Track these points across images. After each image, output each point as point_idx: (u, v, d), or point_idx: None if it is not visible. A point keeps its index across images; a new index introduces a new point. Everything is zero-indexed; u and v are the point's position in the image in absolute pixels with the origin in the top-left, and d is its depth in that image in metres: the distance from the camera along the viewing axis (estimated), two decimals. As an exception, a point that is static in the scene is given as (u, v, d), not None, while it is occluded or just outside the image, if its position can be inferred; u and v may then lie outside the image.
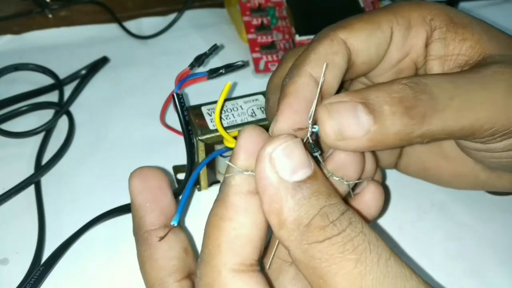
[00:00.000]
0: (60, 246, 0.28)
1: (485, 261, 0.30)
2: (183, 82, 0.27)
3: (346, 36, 0.23)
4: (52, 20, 0.49)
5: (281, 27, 0.45)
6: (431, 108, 0.20)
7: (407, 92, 0.20)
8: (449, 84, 0.21)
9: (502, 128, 0.21)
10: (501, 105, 0.21)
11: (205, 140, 0.29)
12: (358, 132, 0.19)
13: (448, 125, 0.21)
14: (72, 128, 0.37)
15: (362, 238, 0.16)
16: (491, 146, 0.23)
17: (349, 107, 0.20)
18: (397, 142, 0.20)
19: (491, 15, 0.54)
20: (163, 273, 0.22)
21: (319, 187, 0.17)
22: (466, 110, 0.21)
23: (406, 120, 0.20)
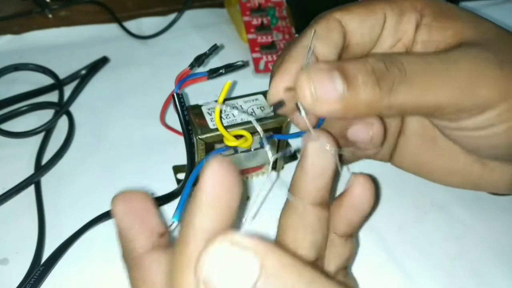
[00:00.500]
0: (60, 246, 0.28)
1: (485, 261, 0.30)
2: (183, 82, 0.27)
3: (341, 17, 0.25)
4: (52, 20, 0.49)
5: (281, 27, 0.45)
6: (399, 80, 0.22)
7: (380, 64, 0.22)
8: (421, 61, 0.23)
9: (464, 106, 0.23)
10: (463, 84, 0.22)
11: (205, 139, 0.29)
12: (332, 96, 0.21)
13: (414, 99, 0.22)
14: (72, 128, 0.37)
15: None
16: (462, 124, 0.24)
17: (326, 72, 0.21)
18: (367, 110, 0.22)
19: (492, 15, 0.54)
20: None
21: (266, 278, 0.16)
22: (430, 86, 0.22)
23: (376, 90, 0.22)
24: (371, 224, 0.32)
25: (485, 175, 0.30)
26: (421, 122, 0.30)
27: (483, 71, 0.23)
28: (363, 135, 0.27)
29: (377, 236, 0.31)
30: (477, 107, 0.23)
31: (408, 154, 0.31)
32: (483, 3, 0.55)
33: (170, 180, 0.34)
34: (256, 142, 0.30)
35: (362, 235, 0.31)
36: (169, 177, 0.34)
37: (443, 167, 0.31)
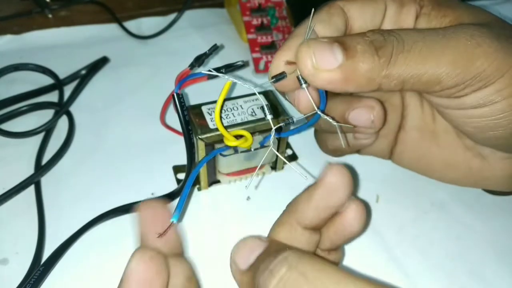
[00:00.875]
0: (60, 246, 0.28)
1: (485, 261, 0.30)
2: (183, 82, 0.27)
3: (343, 4, 0.26)
4: (52, 20, 0.49)
5: (281, 27, 0.45)
6: (397, 51, 0.22)
7: (378, 36, 0.23)
8: (418, 33, 0.23)
9: (464, 78, 0.23)
10: (461, 55, 0.22)
11: (205, 139, 0.29)
12: (332, 64, 0.22)
13: (413, 69, 0.22)
14: (72, 128, 0.37)
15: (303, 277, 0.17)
16: (462, 102, 0.24)
17: (326, 44, 0.22)
18: (367, 81, 0.22)
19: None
20: None
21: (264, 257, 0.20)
22: (429, 56, 0.22)
23: (375, 58, 0.22)
24: (371, 224, 0.32)
25: (485, 170, 0.30)
26: (421, 115, 0.31)
27: (480, 43, 0.23)
28: (365, 118, 0.28)
29: (377, 236, 0.31)
30: (476, 81, 0.23)
31: (408, 148, 0.32)
32: (483, 3, 0.55)
33: (170, 180, 0.34)
34: (256, 142, 0.30)
35: (362, 235, 0.31)
36: (169, 177, 0.34)
37: (443, 160, 0.31)
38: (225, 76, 0.24)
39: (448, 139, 0.30)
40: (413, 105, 0.31)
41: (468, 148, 0.30)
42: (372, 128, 0.29)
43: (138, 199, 0.32)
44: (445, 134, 0.30)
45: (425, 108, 0.31)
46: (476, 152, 0.29)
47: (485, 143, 0.28)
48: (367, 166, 0.35)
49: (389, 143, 0.32)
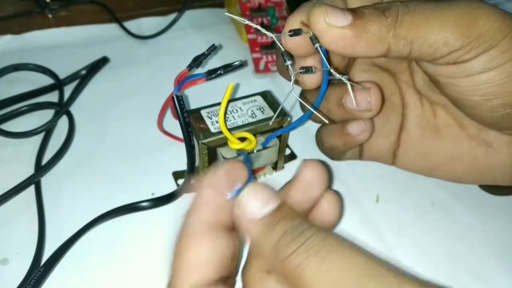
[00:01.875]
0: (61, 247, 0.28)
1: (485, 261, 0.30)
2: (182, 84, 0.27)
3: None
4: (52, 20, 0.49)
5: (281, 27, 0.45)
6: (403, 10, 0.23)
7: (383, 4, 0.24)
8: (420, 1, 0.24)
9: (470, 36, 0.23)
10: (463, 16, 0.23)
11: (207, 143, 0.29)
12: (344, 22, 0.23)
13: (419, 27, 0.23)
14: (72, 128, 0.37)
15: (323, 243, 0.19)
16: (468, 66, 0.24)
17: (337, 8, 0.24)
18: (376, 40, 0.23)
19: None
20: (202, 273, 0.21)
21: (284, 213, 0.21)
22: (434, 17, 0.23)
23: (383, 18, 0.23)
24: (371, 224, 0.32)
25: (491, 157, 0.29)
26: (421, 113, 0.31)
27: (481, 6, 0.23)
28: (361, 99, 0.28)
29: (377, 236, 0.31)
30: (481, 41, 0.23)
31: (412, 147, 0.31)
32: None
33: (170, 180, 0.34)
34: (259, 144, 0.30)
35: (362, 235, 0.31)
36: (170, 177, 0.34)
37: (447, 154, 0.31)
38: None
39: (451, 132, 0.30)
40: (413, 103, 0.31)
41: (472, 137, 0.29)
42: (370, 111, 0.28)
43: (138, 199, 0.32)
44: (447, 127, 0.30)
45: (424, 105, 0.31)
46: (481, 140, 0.29)
47: (491, 116, 0.27)
48: (367, 166, 0.35)
49: (391, 145, 0.32)
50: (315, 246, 0.19)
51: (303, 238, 0.19)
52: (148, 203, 0.31)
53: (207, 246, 0.21)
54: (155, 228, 0.31)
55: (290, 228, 0.20)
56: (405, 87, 0.31)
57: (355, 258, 0.18)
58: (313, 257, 0.18)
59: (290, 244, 0.19)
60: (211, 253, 0.21)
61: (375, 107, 0.28)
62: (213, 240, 0.21)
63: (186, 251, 0.21)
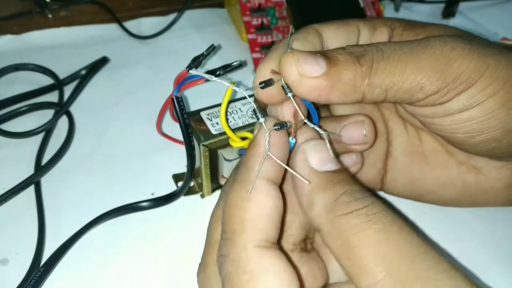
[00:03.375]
0: (61, 247, 0.28)
1: (485, 261, 0.30)
2: (181, 85, 0.27)
3: (318, 27, 0.26)
4: (52, 20, 0.49)
5: (281, 27, 0.45)
6: (378, 59, 0.23)
7: (357, 48, 0.23)
8: (395, 43, 0.24)
9: (446, 80, 0.23)
10: (438, 60, 0.23)
11: (208, 145, 0.29)
12: (317, 71, 0.22)
13: (394, 74, 0.23)
14: (72, 128, 0.37)
15: (385, 213, 0.19)
16: (448, 107, 0.24)
17: (310, 53, 0.22)
18: (351, 89, 0.23)
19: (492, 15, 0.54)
20: (266, 230, 0.20)
21: (344, 177, 0.21)
22: (409, 62, 0.23)
23: (358, 66, 0.22)
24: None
25: (482, 183, 0.29)
26: (406, 139, 0.30)
27: (454, 47, 0.23)
28: (357, 133, 0.27)
29: (377, 236, 0.31)
30: (457, 83, 0.23)
31: (400, 174, 0.31)
32: (483, 3, 0.55)
33: (170, 180, 0.34)
34: None
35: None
36: (169, 177, 0.34)
37: (437, 180, 0.30)
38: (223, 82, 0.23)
39: (438, 158, 0.29)
40: (397, 129, 0.30)
41: (461, 163, 0.29)
42: (365, 144, 0.28)
43: (138, 199, 0.32)
44: (435, 153, 0.30)
45: (409, 131, 0.30)
46: (470, 165, 0.29)
47: (478, 150, 0.27)
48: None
49: (378, 172, 0.31)
50: (377, 214, 0.19)
51: (365, 202, 0.19)
52: (148, 203, 0.31)
53: (269, 202, 0.20)
54: (155, 228, 0.31)
55: (350, 189, 0.20)
56: (388, 113, 0.30)
57: (413, 238, 0.18)
58: (373, 224, 0.18)
59: (351, 204, 0.19)
60: (273, 209, 0.20)
61: (370, 140, 0.28)
62: (274, 196, 0.20)
63: (248, 206, 0.20)
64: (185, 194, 0.32)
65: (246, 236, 0.19)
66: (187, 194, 0.33)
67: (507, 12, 0.54)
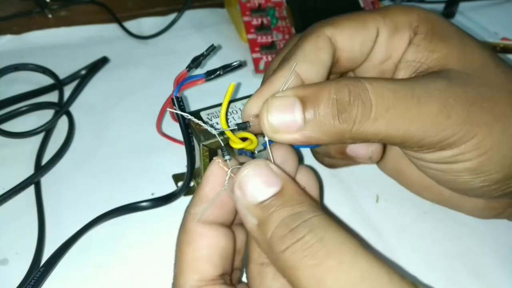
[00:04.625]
0: (61, 247, 0.28)
1: (485, 261, 0.30)
2: (181, 85, 0.27)
3: (332, 33, 0.25)
4: (52, 20, 0.49)
5: (281, 27, 0.45)
6: (363, 116, 0.21)
7: (344, 95, 0.21)
8: (390, 92, 0.22)
9: (430, 141, 0.22)
10: (430, 121, 0.22)
11: (208, 145, 0.29)
12: (292, 128, 0.21)
13: (379, 133, 0.22)
14: (72, 128, 0.37)
15: (321, 245, 0.17)
16: (423, 156, 0.24)
17: (287, 103, 0.21)
18: (329, 140, 0.22)
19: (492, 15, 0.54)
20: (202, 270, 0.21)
21: (284, 200, 0.19)
22: (398, 122, 0.22)
23: (336, 122, 0.21)
24: (371, 224, 0.32)
25: (455, 200, 0.30)
26: None
27: (451, 115, 0.22)
28: (363, 152, 0.27)
29: (377, 236, 0.31)
30: (440, 143, 0.23)
31: (391, 162, 0.31)
32: (483, 3, 0.55)
33: (170, 180, 0.34)
34: (260, 144, 0.30)
35: (362, 235, 0.31)
36: (169, 177, 0.34)
37: (418, 180, 0.30)
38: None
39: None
40: None
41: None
42: (370, 162, 0.28)
43: (138, 199, 0.32)
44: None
45: None
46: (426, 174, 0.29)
47: (451, 190, 0.27)
48: (367, 166, 0.35)
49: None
50: (313, 246, 0.18)
51: (300, 232, 0.18)
52: (148, 203, 0.31)
53: (204, 242, 0.21)
54: (155, 228, 0.31)
55: (288, 217, 0.19)
56: None
57: (355, 265, 0.17)
58: (309, 259, 0.17)
59: (286, 238, 0.18)
60: (209, 248, 0.21)
61: (375, 160, 0.28)
62: (211, 235, 0.21)
63: (185, 249, 0.21)
64: (185, 194, 0.32)
65: (182, 279, 0.20)
66: (187, 194, 0.33)
67: (507, 12, 0.54)
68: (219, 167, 0.21)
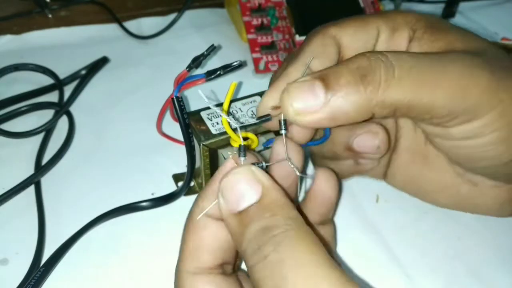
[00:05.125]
0: (61, 247, 0.28)
1: (485, 261, 0.30)
2: (182, 85, 0.27)
3: (336, 32, 0.25)
4: (52, 20, 0.49)
5: (281, 27, 0.45)
6: (388, 76, 0.21)
7: (364, 62, 0.21)
8: (410, 57, 0.22)
9: (456, 109, 0.22)
10: (455, 86, 0.22)
11: (209, 145, 0.29)
12: (314, 107, 0.21)
13: (406, 95, 0.21)
14: (72, 128, 0.37)
15: (281, 265, 0.17)
16: (449, 132, 0.24)
17: (307, 85, 0.21)
18: (356, 113, 0.22)
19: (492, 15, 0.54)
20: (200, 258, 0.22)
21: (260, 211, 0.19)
22: (424, 82, 0.21)
23: (361, 88, 0.21)
24: (371, 224, 0.32)
25: (475, 196, 0.29)
26: (414, 138, 0.30)
27: (474, 75, 0.22)
28: (370, 144, 0.27)
29: (377, 236, 0.31)
30: (467, 112, 0.23)
31: (400, 170, 0.31)
32: (483, 3, 0.55)
33: (171, 180, 0.34)
34: (260, 144, 0.30)
35: (362, 235, 0.31)
36: (169, 177, 0.34)
37: (433, 184, 0.30)
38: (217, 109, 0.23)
39: (439, 164, 0.29)
40: (406, 127, 0.30)
41: (459, 175, 0.29)
42: (377, 154, 0.28)
43: (138, 199, 0.32)
44: (436, 158, 0.29)
45: (418, 131, 0.30)
46: (467, 179, 0.29)
47: (474, 171, 0.27)
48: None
49: (383, 165, 0.31)
50: (273, 267, 0.17)
51: (265, 251, 0.18)
52: (148, 203, 0.31)
53: (207, 234, 0.21)
54: (155, 228, 0.31)
55: (259, 231, 0.18)
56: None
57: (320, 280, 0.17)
58: (269, 280, 0.17)
59: (253, 255, 0.18)
60: (211, 240, 0.21)
61: (383, 151, 0.28)
62: (214, 228, 0.22)
63: (188, 238, 0.22)
64: (185, 194, 0.32)
65: (183, 264, 0.21)
66: (187, 194, 0.33)
67: (507, 12, 0.54)
68: (233, 164, 0.21)
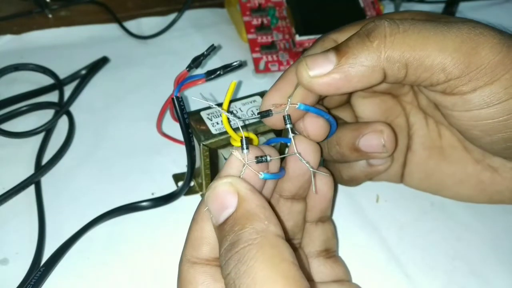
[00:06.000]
0: (61, 247, 0.28)
1: (485, 261, 0.30)
2: (182, 85, 0.27)
3: (336, 36, 0.26)
4: (52, 20, 0.49)
5: (281, 27, 0.45)
6: (392, 30, 0.22)
7: (369, 24, 0.23)
8: (415, 21, 0.23)
9: (470, 66, 0.22)
10: (464, 42, 0.22)
11: (209, 144, 0.29)
12: (327, 68, 0.22)
13: (414, 48, 0.22)
14: (72, 128, 0.37)
15: (245, 279, 0.17)
16: (468, 100, 0.23)
17: (321, 54, 0.23)
18: (369, 70, 0.22)
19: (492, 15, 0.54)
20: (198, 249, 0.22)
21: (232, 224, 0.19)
22: (430, 36, 0.22)
23: (367, 43, 0.22)
24: (371, 224, 0.32)
25: (497, 182, 0.29)
26: (427, 133, 0.30)
27: (484, 33, 0.22)
28: (376, 143, 0.27)
29: (377, 236, 0.31)
30: (481, 73, 0.22)
31: (418, 168, 0.31)
32: (483, 3, 0.55)
33: (171, 180, 0.34)
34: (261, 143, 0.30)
35: (362, 235, 0.31)
36: (170, 177, 0.34)
37: (453, 176, 0.30)
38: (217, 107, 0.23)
39: (456, 154, 0.29)
40: (418, 123, 0.30)
41: (478, 161, 0.29)
42: (384, 153, 0.28)
43: (138, 199, 0.32)
44: (453, 149, 0.29)
45: (430, 125, 0.30)
46: (486, 164, 0.29)
47: (493, 148, 0.26)
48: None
49: (400, 166, 0.31)
50: (232, 283, 0.18)
51: (229, 266, 0.18)
52: (148, 203, 0.31)
53: (209, 226, 0.21)
54: (155, 228, 0.31)
55: (229, 245, 0.19)
56: (410, 107, 0.31)
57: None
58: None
59: (222, 269, 0.19)
60: (212, 233, 0.21)
61: (390, 149, 0.28)
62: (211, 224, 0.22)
63: (193, 227, 0.22)
64: (185, 194, 0.32)
65: (184, 252, 0.22)
66: (187, 194, 0.33)
67: (507, 12, 0.54)
68: (237, 160, 0.22)
